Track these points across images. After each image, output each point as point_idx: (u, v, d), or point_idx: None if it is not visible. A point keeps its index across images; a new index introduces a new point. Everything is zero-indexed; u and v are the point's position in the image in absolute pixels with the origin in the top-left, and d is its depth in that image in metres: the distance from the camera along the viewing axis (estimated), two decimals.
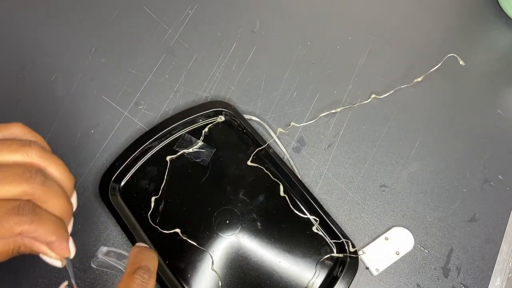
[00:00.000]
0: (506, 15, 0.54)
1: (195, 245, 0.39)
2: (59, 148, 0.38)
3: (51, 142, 0.43)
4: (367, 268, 0.41)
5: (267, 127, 0.45)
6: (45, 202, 0.27)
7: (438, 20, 0.54)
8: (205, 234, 0.39)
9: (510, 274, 0.43)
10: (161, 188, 0.41)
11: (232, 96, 0.47)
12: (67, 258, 0.30)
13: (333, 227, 0.40)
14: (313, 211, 0.41)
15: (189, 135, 0.43)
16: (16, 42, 0.47)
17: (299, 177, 0.43)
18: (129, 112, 0.45)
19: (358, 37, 0.51)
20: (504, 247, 0.44)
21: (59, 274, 0.38)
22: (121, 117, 0.45)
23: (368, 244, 0.42)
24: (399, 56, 0.51)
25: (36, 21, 0.49)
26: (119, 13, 0.50)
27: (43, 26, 0.48)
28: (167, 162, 0.42)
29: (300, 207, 0.42)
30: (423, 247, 0.42)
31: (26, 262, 0.39)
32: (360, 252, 0.41)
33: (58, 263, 0.29)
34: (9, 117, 0.44)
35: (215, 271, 0.38)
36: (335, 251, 0.40)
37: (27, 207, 0.26)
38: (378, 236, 0.42)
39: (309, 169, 0.44)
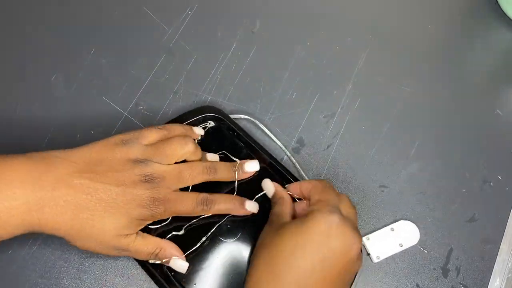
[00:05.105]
0: (506, 15, 0.54)
1: (195, 250, 0.38)
2: (58, 148, 0.38)
3: (50, 142, 0.43)
4: (368, 254, 0.41)
5: (264, 128, 0.45)
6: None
7: (438, 20, 0.54)
8: (207, 239, 0.39)
9: (510, 274, 0.43)
10: None
11: (231, 97, 0.47)
12: None
13: None
14: None
15: None
16: (16, 42, 0.48)
17: (303, 174, 0.43)
18: (129, 113, 0.45)
19: (358, 38, 0.51)
20: (503, 247, 0.44)
21: (58, 274, 0.38)
22: (121, 118, 0.45)
23: (373, 231, 0.42)
24: (399, 56, 0.51)
25: (36, 21, 0.49)
26: (119, 13, 0.50)
27: (43, 26, 0.48)
28: None
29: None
30: (422, 247, 0.42)
31: (26, 262, 0.39)
32: (364, 238, 0.42)
33: (185, 267, 0.37)
34: (9, 117, 0.44)
35: (216, 275, 0.38)
36: None
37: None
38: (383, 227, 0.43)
39: (309, 170, 0.44)
